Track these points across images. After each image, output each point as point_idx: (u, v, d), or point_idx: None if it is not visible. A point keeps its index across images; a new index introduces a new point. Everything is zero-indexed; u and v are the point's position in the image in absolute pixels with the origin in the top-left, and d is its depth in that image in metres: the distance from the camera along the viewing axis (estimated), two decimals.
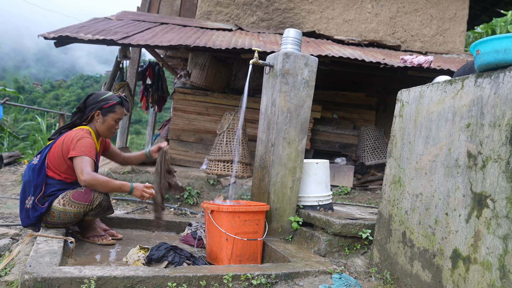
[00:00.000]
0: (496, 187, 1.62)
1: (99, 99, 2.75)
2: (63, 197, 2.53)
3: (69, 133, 2.65)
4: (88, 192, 2.53)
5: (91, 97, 2.79)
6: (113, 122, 2.77)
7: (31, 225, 2.59)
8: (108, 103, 2.74)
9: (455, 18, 6.64)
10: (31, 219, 2.54)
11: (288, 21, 6.46)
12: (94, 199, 2.53)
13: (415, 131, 2.16)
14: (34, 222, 2.55)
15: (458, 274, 1.77)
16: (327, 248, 2.52)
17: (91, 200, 2.52)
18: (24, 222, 2.60)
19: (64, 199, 2.52)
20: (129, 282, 1.81)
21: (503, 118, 1.62)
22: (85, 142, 2.55)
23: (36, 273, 1.73)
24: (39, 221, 2.56)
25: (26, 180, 2.61)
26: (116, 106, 2.77)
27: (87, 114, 2.74)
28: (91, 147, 2.57)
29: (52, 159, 2.60)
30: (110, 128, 2.77)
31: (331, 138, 5.97)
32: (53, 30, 4.83)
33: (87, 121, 2.76)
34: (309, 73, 2.91)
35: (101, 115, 2.74)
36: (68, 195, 2.53)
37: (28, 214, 2.55)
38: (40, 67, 73.92)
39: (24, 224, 2.62)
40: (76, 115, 2.80)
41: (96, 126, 2.75)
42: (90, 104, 2.75)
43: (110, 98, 2.76)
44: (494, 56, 1.66)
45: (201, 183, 4.72)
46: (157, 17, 6.87)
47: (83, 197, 2.51)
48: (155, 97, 8.00)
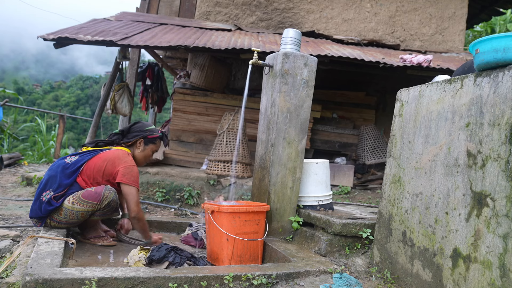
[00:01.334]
0: (496, 186, 1.62)
1: (145, 128, 2.98)
2: (73, 196, 2.57)
3: (116, 152, 2.77)
4: (98, 191, 2.56)
5: (138, 125, 3.01)
6: (150, 153, 3.00)
7: (38, 218, 2.61)
8: (153, 135, 2.97)
9: (454, 17, 6.64)
10: (42, 212, 2.57)
11: (287, 21, 6.46)
12: (103, 198, 2.56)
13: (414, 130, 2.17)
14: (43, 216, 2.58)
15: (458, 273, 1.77)
16: (327, 247, 2.52)
17: (101, 200, 2.55)
18: (34, 212, 2.62)
19: (74, 197, 2.56)
20: (130, 283, 1.81)
21: (502, 117, 1.63)
22: (135, 172, 2.74)
23: (37, 274, 1.73)
24: (47, 216, 2.59)
25: (51, 175, 2.65)
26: (157, 139, 3.02)
27: (130, 140, 2.92)
28: (138, 177, 2.78)
29: (91, 169, 2.67)
30: (146, 157, 3.00)
31: (331, 137, 5.97)
32: (53, 31, 4.83)
33: (126, 144, 2.93)
34: (309, 73, 2.91)
35: (143, 143, 2.95)
36: (78, 194, 2.57)
37: (41, 206, 2.57)
38: (39, 68, 73.91)
39: (32, 214, 2.64)
40: (116, 135, 2.97)
41: (135, 153, 2.94)
42: (136, 130, 2.96)
43: (154, 130, 3.01)
44: (493, 55, 1.66)
45: (201, 184, 4.72)
46: (156, 18, 6.87)
47: (93, 196, 2.55)
48: (154, 97, 8.00)
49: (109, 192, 2.58)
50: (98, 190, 2.57)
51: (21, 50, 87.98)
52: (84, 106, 35.14)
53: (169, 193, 4.58)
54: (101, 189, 2.58)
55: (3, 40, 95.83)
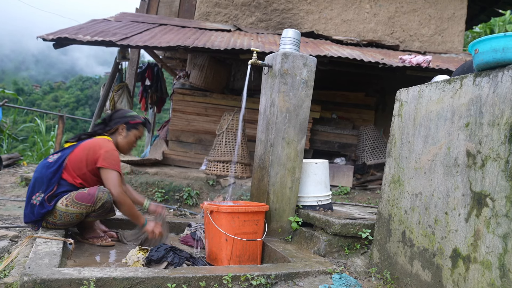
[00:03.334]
0: (495, 186, 1.62)
1: (126, 114, 2.93)
2: (66, 198, 2.53)
3: (95, 140, 2.73)
4: (91, 193, 2.53)
5: (119, 112, 2.96)
6: (134, 139, 2.94)
7: (33, 222, 2.58)
8: (135, 120, 2.92)
9: (453, 18, 6.64)
10: (35, 216, 2.54)
11: (287, 21, 6.46)
12: (97, 200, 2.52)
13: (414, 130, 2.16)
14: (37, 219, 2.55)
15: (458, 274, 1.77)
16: (326, 248, 2.52)
17: (94, 201, 2.52)
18: (27, 218, 2.59)
19: (67, 199, 2.52)
20: (128, 283, 1.80)
21: (502, 117, 1.62)
22: (115, 156, 2.68)
23: (35, 274, 1.72)
24: (42, 219, 2.56)
25: (37, 177, 2.62)
26: (140, 125, 2.95)
27: (112, 127, 2.88)
28: (119, 162, 2.69)
29: (73, 161, 2.64)
30: (130, 144, 2.93)
31: (330, 138, 5.97)
32: (52, 31, 4.83)
33: (109, 132, 2.88)
34: (308, 73, 2.91)
35: (126, 129, 2.89)
36: (72, 195, 2.53)
37: (33, 210, 2.54)
38: (39, 69, 73.89)
39: (26, 220, 2.61)
40: (99, 126, 2.93)
41: (118, 139, 2.88)
42: (117, 117, 2.91)
43: (136, 116, 2.95)
44: (493, 55, 1.66)
45: (200, 184, 4.72)
46: (156, 18, 6.87)
47: (86, 198, 2.51)
48: (154, 98, 8.00)
49: (103, 193, 2.54)
50: (91, 191, 2.54)
51: (21, 50, 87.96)
52: (83, 106, 35.15)
53: (168, 193, 4.58)
54: (94, 190, 2.54)
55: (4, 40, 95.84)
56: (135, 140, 2.95)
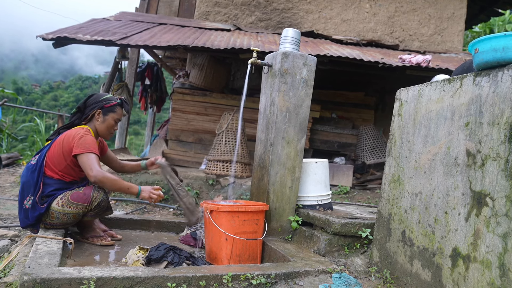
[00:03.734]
0: (495, 185, 1.62)
1: (100, 99, 2.82)
2: (62, 198, 2.52)
3: (69, 131, 2.67)
4: (87, 193, 2.52)
5: (92, 97, 2.85)
6: (113, 122, 2.83)
7: (30, 226, 2.57)
8: (109, 103, 2.81)
9: (453, 18, 6.64)
10: (30, 220, 2.52)
11: (287, 21, 6.46)
12: (93, 200, 2.52)
13: (414, 130, 2.16)
14: (33, 222, 2.54)
15: (458, 273, 1.77)
16: (326, 247, 2.52)
17: (90, 201, 2.51)
18: (23, 222, 2.58)
19: (63, 200, 2.51)
20: (128, 282, 1.80)
21: (501, 116, 1.62)
22: (88, 139, 2.58)
23: (35, 274, 1.72)
24: (38, 222, 2.55)
25: (24, 181, 2.61)
26: (117, 107, 2.83)
27: (87, 114, 2.78)
28: (95, 144, 2.60)
29: (52, 157, 2.61)
30: (109, 128, 2.83)
31: (330, 137, 5.97)
32: (52, 31, 4.82)
33: (86, 120, 2.80)
34: (308, 73, 2.91)
35: (102, 114, 2.79)
36: (67, 196, 2.52)
37: (27, 214, 2.53)
38: (39, 68, 73.82)
39: (22, 225, 2.60)
40: (75, 115, 2.84)
41: (96, 125, 2.80)
42: (91, 103, 2.81)
43: (111, 98, 2.84)
44: (493, 54, 1.66)
45: (200, 183, 4.72)
46: (156, 18, 6.87)
47: (82, 197, 2.50)
48: (154, 97, 8.00)
49: (98, 193, 2.54)
50: (86, 191, 2.52)
51: (21, 49, 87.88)
52: None
53: (168, 193, 4.58)
54: (89, 190, 2.53)
55: (3, 40, 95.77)
56: (115, 123, 2.84)
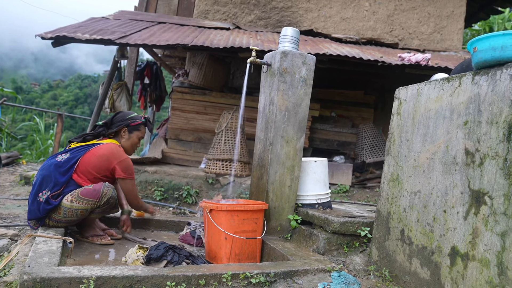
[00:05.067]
0: (493, 184, 1.62)
1: (127, 117, 3.00)
2: (71, 194, 2.55)
3: (109, 147, 2.79)
4: (97, 188, 2.56)
5: (120, 115, 3.03)
6: (137, 140, 3.03)
7: (37, 219, 2.60)
8: (135, 122, 2.99)
9: (452, 16, 6.64)
10: (41, 213, 2.55)
11: (286, 19, 6.46)
12: (102, 195, 2.56)
13: (413, 128, 2.17)
14: (42, 216, 2.57)
15: (456, 271, 1.77)
16: (326, 246, 2.52)
17: (100, 197, 2.55)
18: (33, 214, 2.60)
19: (72, 196, 2.55)
20: (128, 281, 1.81)
21: (500, 115, 1.63)
22: (131, 165, 2.84)
23: (35, 273, 1.73)
24: (46, 216, 2.57)
25: (45, 174, 2.63)
26: (141, 126, 3.04)
27: (113, 129, 2.95)
28: (133, 168, 2.87)
29: (85, 165, 2.68)
30: (133, 145, 3.02)
31: (329, 136, 5.97)
32: (51, 30, 4.82)
33: (112, 135, 2.97)
34: (307, 72, 2.91)
35: (127, 132, 2.98)
36: (77, 192, 2.55)
37: (39, 207, 2.55)
38: (38, 67, 73.70)
39: (31, 216, 2.62)
40: (101, 128, 2.98)
41: (121, 142, 2.97)
42: (118, 121, 2.97)
43: (136, 117, 3.03)
44: (491, 53, 1.66)
45: (199, 182, 4.72)
46: (155, 17, 6.86)
47: (92, 193, 2.54)
48: (153, 96, 7.98)
49: (108, 189, 2.59)
50: (96, 187, 2.57)
51: (21, 48, 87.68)
52: (82, 105, 35.11)
53: (168, 192, 4.58)
54: (99, 186, 2.58)
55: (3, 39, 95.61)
56: (138, 141, 3.04)
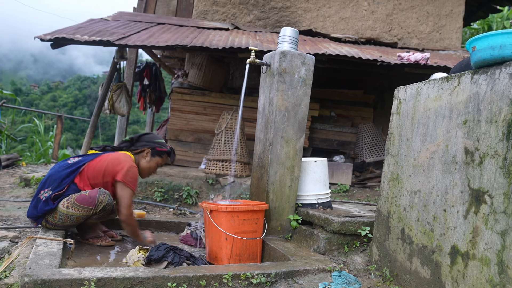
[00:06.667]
0: (493, 183, 1.63)
1: (155, 140, 2.96)
2: (68, 200, 2.52)
3: (117, 154, 2.76)
4: (92, 195, 2.51)
5: (149, 135, 3.01)
6: (155, 166, 2.96)
7: (34, 217, 2.59)
8: (161, 148, 2.95)
9: (451, 15, 6.64)
10: (38, 211, 2.54)
11: (285, 19, 6.46)
12: (98, 203, 2.50)
13: (412, 128, 2.17)
14: (39, 215, 2.56)
15: (457, 270, 1.78)
16: (326, 246, 2.52)
17: (96, 204, 2.50)
18: (30, 212, 2.60)
19: (68, 201, 2.51)
20: (129, 283, 1.81)
21: (499, 114, 1.63)
22: (135, 175, 2.72)
23: (36, 275, 1.73)
24: (43, 216, 2.57)
25: (52, 173, 2.63)
26: (165, 154, 2.98)
27: (138, 147, 2.90)
28: (137, 182, 2.76)
29: (91, 169, 2.65)
30: (151, 169, 2.96)
31: (329, 136, 5.97)
32: (50, 31, 4.81)
33: (134, 152, 2.90)
34: (306, 72, 2.91)
35: (151, 154, 2.92)
36: (73, 198, 2.51)
37: (38, 205, 2.55)
38: (38, 69, 73.65)
39: (29, 214, 2.62)
40: (125, 143, 2.96)
41: (141, 162, 2.91)
42: (146, 140, 2.94)
43: (164, 144, 2.99)
44: (490, 52, 1.67)
45: (199, 183, 4.72)
46: (154, 17, 6.86)
47: (88, 200, 2.49)
48: (152, 97, 7.98)
49: (104, 196, 2.53)
50: (92, 194, 2.51)
51: (20, 50, 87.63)
52: (82, 106, 35.09)
53: (168, 192, 4.58)
54: (95, 193, 2.52)
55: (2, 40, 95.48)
56: (156, 167, 2.97)
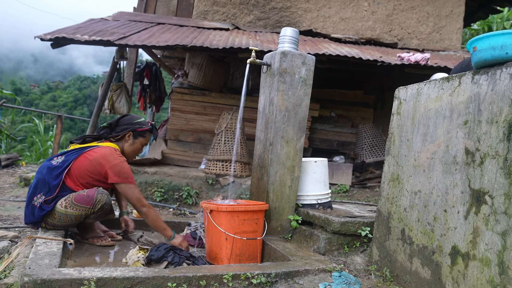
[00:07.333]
0: (494, 183, 1.62)
1: (134, 121, 2.89)
2: (66, 199, 2.51)
3: (103, 150, 2.66)
4: (90, 195, 2.50)
5: (126, 118, 2.92)
6: (140, 146, 2.92)
7: (33, 223, 2.58)
8: (142, 128, 2.89)
9: (451, 15, 6.65)
10: (35, 217, 2.53)
11: (285, 20, 6.46)
12: (96, 202, 2.50)
13: (413, 128, 2.17)
14: (37, 221, 2.55)
15: (457, 271, 1.77)
16: (326, 246, 2.52)
17: (94, 203, 2.49)
18: (28, 218, 2.59)
19: (66, 201, 2.50)
20: (129, 283, 1.81)
21: (500, 114, 1.63)
22: (126, 168, 2.65)
23: (35, 275, 1.73)
24: (42, 220, 2.56)
25: (40, 178, 2.60)
26: (147, 132, 2.93)
27: (119, 133, 2.84)
28: (131, 171, 2.68)
29: (77, 169, 2.60)
30: (135, 151, 2.91)
31: (329, 136, 5.97)
32: (50, 31, 4.81)
33: (115, 138, 2.85)
34: (307, 72, 2.91)
35: (132, 137, 2.86)
36: (71, 197, 2.51)
37: (34, 211, 2.54)
38: (38, 68, 73.59)
39: (26, 220, 2.61)
40: (104, 129, 2.88)
41: (124, 147, 2.86)
42: (124, 124, 2.87)
43: (143, 123, 2.92)
44: (491, 53, 1.67)
45: (199, 183, 4.72)
46: (154, 17, 6.86)
47: (86, 200, 2.49)
48: (152, 97, 7.98)
49: (102, 195, 2.52)
50: (90, 193, 2.50)
51: (20, 50, 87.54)
52: (82, 106, 35.08)
53: (168, 192, 4.58)
54: (93, 192, 2.51)
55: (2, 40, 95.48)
56: (141, 147, 2.94)
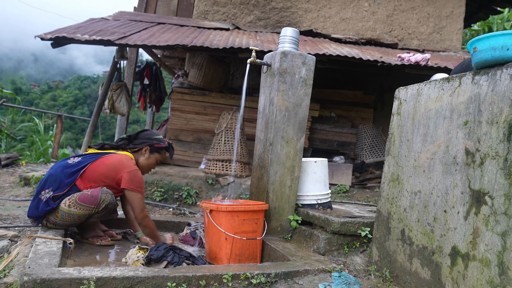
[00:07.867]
0: (494, 184, 1.62)
1: (153, 137, 2.96)
2: (69, 199, 2.52)
3: (119, 157, 2.73)
4: (94, 195, 2.52)
5: (146, 132, 3.00)
6: (155, 162, 2.98)
7: (35, 217, 2.59)
8: (159, 144, 2.95)
9: (451, 16, 6.64)
10: (39, 211, 2.54)
11: (285, 20, 6.46)
12: (100, 202, 2.51)
13: (413, 128, 2.17)
14: (40, 215, 2.56)
15: (457, 271, 1.77)
16: (326, 246, 2.52)
17: (98, 203, 2.50)
18: (31, 211, 2.60)
19: (70, 200, 2.51)
20: (128, 282, 1.81)
21: (500, 115, 1.63)
22: (139, 178, 2.73)
23: (35, 274, 1.73)
24: (44, 216, 2.57)
25: (52, 173, 2.63)
26: (163, 150, 2.99)
27: (136, 145, 2.90)
28: (143, 182, 2.77)
29: (93, 171, 2.64)
30: (150, 166, 2.97)
31: (329, 136, 5.97)
32: (50, 31, 4.81)
33: (132, 150, 2.90)
34: (307, 72, 2.91)
35: (149, 151, 2.92)
36: (75, 197, 2.52)
37: (39, 205, 2.55)
38: (38, 68, 73.57)
39: (29, 213, 2.62)
40: (123, 140, 2.94)
41: (140, 159, 2.91)
42: (143, 138, 2.94)
43: (162, 140, 2.99)
44: (491, 53, 1.66)
45: (199, 183, 4.72)
46: (154, 17, 6.86)
47: (90, 199, 2.50)
48: (152, 97, 7.98)
49: (106, 195, 2.53)
50: (94, 193, 2.52)
51: (20, 49, 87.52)
52: (82, 106, 35.08)
53: (168, 192, 4.58)
54: (97, 192, 2.52)
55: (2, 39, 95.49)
56: (156, 163, 2.99)
